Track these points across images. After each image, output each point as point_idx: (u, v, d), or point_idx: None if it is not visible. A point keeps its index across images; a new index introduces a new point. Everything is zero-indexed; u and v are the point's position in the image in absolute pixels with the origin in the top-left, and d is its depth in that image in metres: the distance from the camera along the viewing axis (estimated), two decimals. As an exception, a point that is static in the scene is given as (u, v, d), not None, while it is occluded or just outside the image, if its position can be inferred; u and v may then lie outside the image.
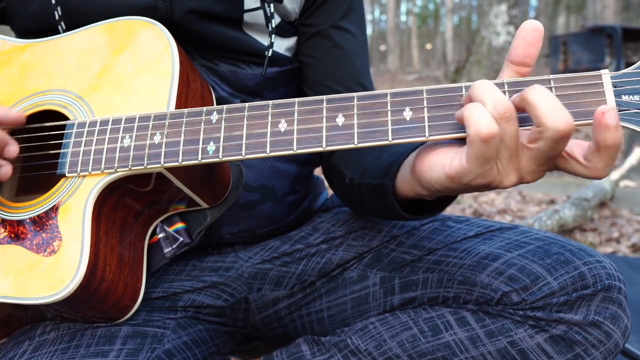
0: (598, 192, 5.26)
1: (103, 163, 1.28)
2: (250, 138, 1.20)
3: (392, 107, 1.13)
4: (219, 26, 1.54)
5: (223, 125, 1.22)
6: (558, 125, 0.97)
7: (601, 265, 1.33)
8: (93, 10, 1.48)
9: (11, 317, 1.41)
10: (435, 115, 1.10)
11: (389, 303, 1.56)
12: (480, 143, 1.00)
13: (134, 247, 1.40)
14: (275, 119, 1.19)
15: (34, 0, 1.55)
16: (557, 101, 0.99)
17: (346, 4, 1.70)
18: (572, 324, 1.29)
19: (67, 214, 1.28)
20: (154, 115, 1.28)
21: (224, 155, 1.20)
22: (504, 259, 1.40)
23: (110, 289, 1.29)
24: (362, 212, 1.61)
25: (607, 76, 1.04)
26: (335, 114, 1.16)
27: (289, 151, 1.17)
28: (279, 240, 1.72)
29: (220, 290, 1.65)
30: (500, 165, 1.04)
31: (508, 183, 1.06)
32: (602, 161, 0.99)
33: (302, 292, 1.67)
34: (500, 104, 1.00)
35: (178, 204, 1.46)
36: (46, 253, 1.26)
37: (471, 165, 1.03)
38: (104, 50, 1.42)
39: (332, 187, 1.74)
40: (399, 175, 1.29)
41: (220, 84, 1.58)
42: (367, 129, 1.13)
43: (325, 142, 1.15)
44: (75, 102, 1.38)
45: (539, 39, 1.07)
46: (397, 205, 1.31)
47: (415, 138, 1.10)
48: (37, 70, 1.46)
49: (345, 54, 1.69)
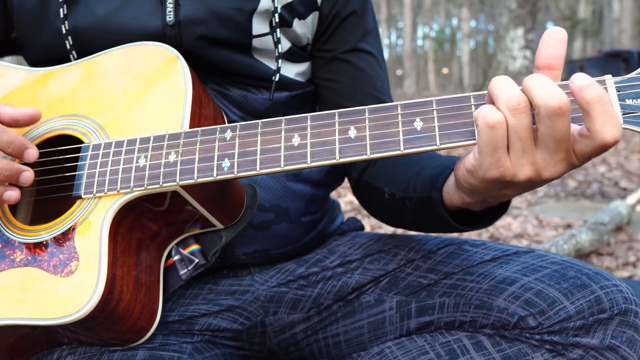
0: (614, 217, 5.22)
1: (119, 183, 1.29)
2: (264, 153, 1.21)
3: (402, 118, 1.15)
4: (228, 52, 1.56)
5: (237, 142, 1.24)
6: (550, 102, 1.00)
7: (618, 289, 1.32)
8: (103, 40, 1.50)
9: (27, 343, 1.41)
10: (446, 125, 1.12)
11: (405, 327, 1.56)
12: (488, 130, 1.03)
13: (150, 269, 1.40)
14: (289, 133, 1.21)
15: (45, 30, 1.57)
16: (550, 82, 1.03)
17: (362, 26, 1.71)
18: (588, 348, 1.29)
19: (84, 234, 1.29)
20: (168, 135, 1.29)
21: (238, 171, 1.22)
22: (521, 283, 1.40)
23: (127, 310, 1.29)
24: (404, 225, 1.63)
25: (611, 81, 1.07)
26: (348, 127, 1.18)
27: (303, 164, 1.18)
28: (295, 263, 1.72)
29: (237, 313, 1.65)
30: (513, 157, 1.06)
31: (522, 176, 1.07)
32: (597, 122, 1.00)
33: (318, 315, 1.67)
34: (514, 97, 1.04)
35: (193, 225, 1.46)
36: (64, 274, 1.26)
37: (482, 155, 1.07)
38: (117, 75, 1.44)
39: (366, 205, 1.75)
40: (445, 187, 1.31)
41: (230, 108, 1.60)
42: (379, 140, 1.15)
43: (338, 154, 1.16)
44: (90, 126, 1.40)
45: (561, 42, 1.08)
46: (447, 215, 1.33)
47: (426, 147, 1.13)
48: (51, 96, 1.47)
49: (366, 75, 1.71)
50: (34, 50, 1.63)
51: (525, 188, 1.13)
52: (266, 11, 1.57)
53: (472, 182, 1.14)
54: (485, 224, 1.36)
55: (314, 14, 1.65)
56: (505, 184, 1.10)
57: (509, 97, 1.04)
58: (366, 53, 1.72)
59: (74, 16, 1.52)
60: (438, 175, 1.35)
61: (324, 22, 1.67)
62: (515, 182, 1.08)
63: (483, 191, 1.16)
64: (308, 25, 1.65)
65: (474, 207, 1.26)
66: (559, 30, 1.08)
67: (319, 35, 1.69)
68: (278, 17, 1.57)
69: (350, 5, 1.68)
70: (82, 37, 1.52)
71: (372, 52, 1.73)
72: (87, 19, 1.52)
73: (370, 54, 1.73)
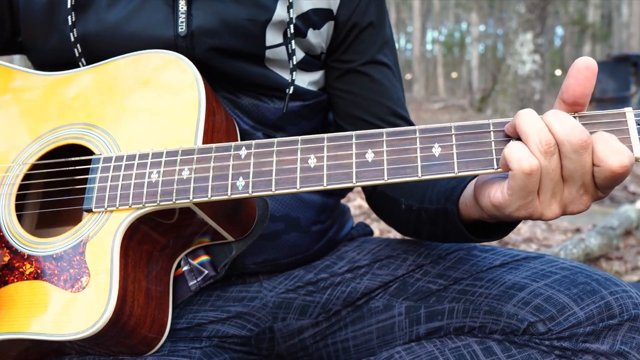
0: (624, 221, 5.21)
1: (130, 198, 1.27)
2: (280, 174, 1.20)
3: (421, 144, 1.14)
4: (240, 62, 1.55)
5: (252, 160, 1.22)
6: (570, 138, 1.01)
7: (627, 294, 1.32)
8: (113, 48, 1.49)
9: (34, 354, 1.40)
10: (464, 152, 1.12)
11: (414, 332, 1.56)
12: (524, 176, 1.03)
13: (160, 281, 1.40)
14: (305, 154, 1.20)
15: (53, 36, 1.57)
16: (570, 118, 1.03)
17: (380, 37, 1.70)
18: (598, 354, 1.28)
19: (95, 249, 1.27)
20: (181, 150, 1.28)
21: (253, 191, 1.21)
22: (530, 289, 1.40)
23: (138, 324, 1.29)
24: (420, 236, 1.62)
25: (631, 114, 1.06)
26: (365, 150, 1.16)
27: (319, 187, 1.17)
28: (303, 269, 1.71)
29: (245, 320, 1.65)
30: (543, 197, 1.07)
31: (550, 214, 1.08)
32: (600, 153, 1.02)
33: (327, 321, 1.66)
34: (545, 138, 1.03)
35: (203, 237, 1.45)
36: (74, 289, 1.26)
37: (513, 197, 1.07)
38: (128, 83, 1.42)
39: (381, 214, 1.74)
40: (461, 199, 1.31)
41: (241, 117, 1.59)
42: (396, 165, 1.14)
43: (355, 178, 1.15)
44: (99, 135, 1.39)
45: (591, 79, 1.06)
46: (464, 228, 1.33)
47: (444, 174, 1.12)
48: (60, 103, 1.46)
49: (383, 87, 1.69)
50: (41, 54, 1.63)
51: None
52: (280, 22, 1.56)
53: (496, 215, 1.16)
54: (501, 234, 1.36)
55: (329, 24, 1.64)
56: (531, 219, 1.12)
57: (540, 140, 1.04)
58: (383, 65, 1.71)
59: (83, 23, 1.52)
60: (454, 187, 1.34)
61: (341, 32, 1.66)
62: (543, 219, 1.10)
63: (505, 219, 1.18)
64: (323, 35, 1.64)
65: (490, 221, 1.28)
66: (590, 65, 1.05)
67: (336, 46, 1.68)
68: (292, 27, 1.57)
69: (369, 15, 1.67)
70: (91, 44, 1.52)
71: (388, 64, 1.72)
72: (97, 26, 1.51)
73: (387, 65, 1.71)
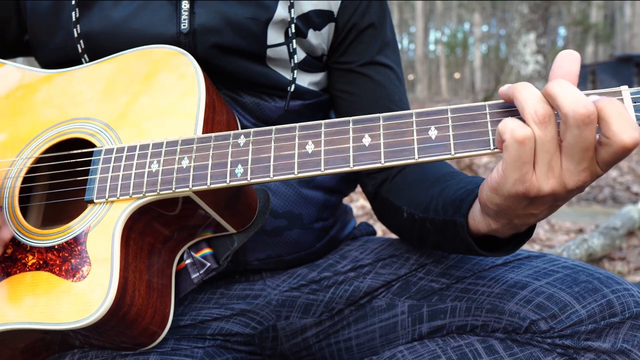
0: (626, 221, 5.21)
1: (131, 188, 1.29)
2: (278, 160, 1.21)
3: (417, 127, 1.14)
4: (242, 61, 1.56)
5: (251, 148, 1.24)
6: (578, 110, 0.98)
7: (629, 293, 1.32)
8: (116, 45, 1.50)
9: (39, 346, 1.42)
10: (461, 134, 1.12)
11: (417, 331, 1.56)
12: (517, 145, 1.02)
13: (162, 273, 1.40)
14: (303, 140, 1.21)
15: (57, 33, 1.58)
16: (576, 90, 1.01)
17: (381, 38, 1.71)
18: (600, 352, 1.29)
19: (96, 239, 1.29)
20: (181, 140, 1.29)
21: (252, 177, 1.22)
22: (532, 287, 1.40)
23: (139, 314, 1.30)
24: (425, 246, 1.60)
25: (627, 92, 1.06)
26: (362, 135, 1.18)
27: (317, 172, 1.18)
28: (307, 268, 1.72)
29: (249, 318, 1.66)
30: (539, 170, 1.05)
31: (547, 188, 1.06)
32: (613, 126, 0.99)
33: (330, 320, 1.67)
34: (541, 109, 1.02)
35: (205, 229, 1.46)
36: (75, 278, 1.27)
37: (507, 171, 1.05)
38: (130, 78, 1.44)
39: (384, 221, 1.74)
40: (470, 212, 1.28)
41: (243, 114, 1.60)
42: (393, 148, 1.15)
43: (352, 162, 1.16)
44: (102, 129, 1.40)
45: (575, 60, 1.06)
46: (472, 241, 1.30)
47: (441, 156, 1.12)
48: (63, 98, 1.47)
49: (384, 89, 1.70)
50: (46, 53, 1.64)
51: (550, 205, 1.12)
52: (281, 21, 1.57)
53: (496, 202, 1.12)
54: (510, 249, 1.32)
55: (330, 25, 1.65)
56: (530, 200, 1.09)
57: (535, 110, 1.02)
58: (384, 66, 1.71)
59: (87, 21, 1.53)
60: (462, 200, 1.32)
61: (340, 34, 1.67)
62: (540, 196, 1.07)
63: (509, 210, 1.14)
64: (323, 36, 1.64)
65: (500, 233, 1.24)
66: (573, 53, 1.07)
67: (336, 47, 1.68)
68: (294, 27, 1.58)
69: (368, 17, 1.68)
70: (95, 41, 1.53)
71: (390, 65, 1.72)
72: (101, 23, 1.52)
73: (388, 67, 1.72)
